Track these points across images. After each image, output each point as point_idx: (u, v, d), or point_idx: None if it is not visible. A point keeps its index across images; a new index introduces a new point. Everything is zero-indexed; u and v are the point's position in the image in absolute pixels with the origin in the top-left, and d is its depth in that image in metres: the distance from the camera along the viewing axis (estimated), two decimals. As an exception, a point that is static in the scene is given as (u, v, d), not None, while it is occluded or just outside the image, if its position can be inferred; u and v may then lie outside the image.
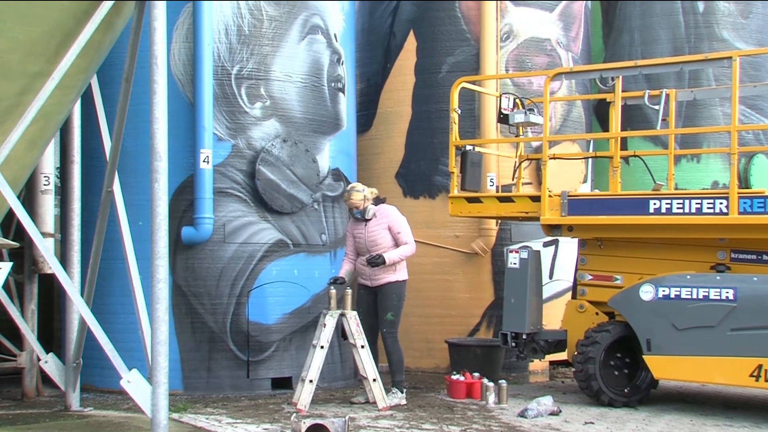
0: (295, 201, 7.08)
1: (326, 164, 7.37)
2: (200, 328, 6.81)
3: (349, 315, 6.35)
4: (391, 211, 6.59)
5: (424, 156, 8.62)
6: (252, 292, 6.89)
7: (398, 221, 6.51)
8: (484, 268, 8.39)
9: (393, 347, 6.48)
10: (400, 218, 6.52)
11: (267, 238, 6.97)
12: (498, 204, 7.15)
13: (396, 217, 6.52)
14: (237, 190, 6.89)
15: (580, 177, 8.78)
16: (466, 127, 8.16)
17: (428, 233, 8.51)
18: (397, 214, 6.55)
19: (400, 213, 6.55)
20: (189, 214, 6.77)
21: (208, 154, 6.70)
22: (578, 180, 8.73)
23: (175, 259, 6.75)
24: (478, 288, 8.37)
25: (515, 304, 6.84)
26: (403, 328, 8.32)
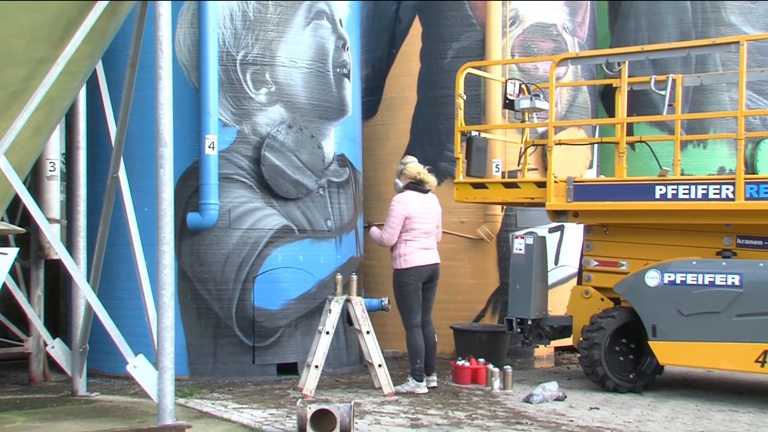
0: (301, 187, 7.07)
1: (331, 150, 7.36)
2: (206, 314, 6.82)
3: (354, 300, 6.36)
4: (395, 198, 6.57)
5: (429, 142, 8.61)
6: (257, 278, 6.90)
7: (390, 207, 6.51)
8: (490, 254, 8.39)
9: (406, 335, 6.45)
10: (392, 205, 6.51)
11: (272, 224, 6.97)
12: (503, 190, 7.13)
13: (391, 203, 6.51)
14: (242, 176, 6.89)
15: (585, 163, 8.77)
16: (471, 113, 8.13)
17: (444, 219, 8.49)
18: (394, 200, 6.54)
19: (398, 201, 6.50)
20: (194, 200, 6.78)
21: (213, 139, 6.70)
22: (584, 166, 8.72)
23: (181, 244, 6.76)
24: (483, 274, 8.37)
25: (520, 290, 6.84)
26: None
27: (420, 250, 6.49)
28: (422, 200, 6.57)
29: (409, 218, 6.47)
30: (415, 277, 6.45)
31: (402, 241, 6.49)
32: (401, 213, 6.44)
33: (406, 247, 6.48)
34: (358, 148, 7.91)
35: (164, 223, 4.74)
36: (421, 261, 6.48)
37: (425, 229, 6.53)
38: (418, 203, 6.53)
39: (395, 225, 6.43)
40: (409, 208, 6.48)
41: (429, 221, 6.58)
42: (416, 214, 6.49)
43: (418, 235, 6.50)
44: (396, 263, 6.50)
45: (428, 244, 6.56)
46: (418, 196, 6.55)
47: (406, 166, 6.63)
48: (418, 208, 6.52)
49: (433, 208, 6.67)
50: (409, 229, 6.47)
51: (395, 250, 6.52)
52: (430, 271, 6.55)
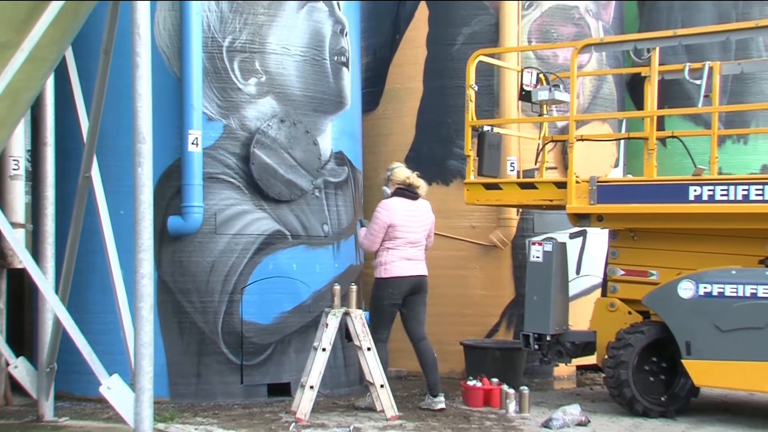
0: (294, 188, 7.04)
1: (328, 147, 7.35)
2: (189, 329, 6.80)
3: (354, 314, 6.34)
4: (381, 203, 6.72)
5: (437, 137, 8.60)
6: (246, 288, 6.87)
7: (374, 213, 6.67)
8: (504, 263, 8.36)
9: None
10: (376, 210, 6.66)
11: (263, 228, 6.94)
12: (519, 191, 7.14)
13: (376, 211, 6.67)
14: (229, 176, 6.86)
15: (611, 161, 8.75)
16: (483, 106, 8.12)
17: (441, 224, 8.43)
18: (379, 206, 6.68)
19: (382, 207, 6.63)
20: (176, 202, 6.75)
21: (197, 135, 6.67)
22: (609, 164, 8.70)
23: (161, 252, 6.73)
24: (496, 284, 8.36)
25: (538, 302, 6.84)
26: None
27: (402, 260, 6.59)
28: (410, 207, 6.67)
29: (393, 226, 6.56)
30: (393, 290, 6.54)
31: (384, 248, 6.61)
32: (384, 220, 6.57)
33: (387, 256, 6.59)
34: (357, 145, 7.89)
35: (142, 228, 4.72)
36: (402, 272, 6.58)
37: (411, 238, 6.63)
38: (405, 211, 6.63)
39: (377, 232, 6.57)
40: (394, 215, 6.57)
41: (416, 230, 6.66)
42: (401, 222, 6.59)
43: (402, 245, 6.60)
44: (376, 271, 6.65)
45: (412, 255, 6.65)
46: (405, 204, 6.65)
47: (393, 171, 6.78)
48: (404, 217, 6.62)
49: (422, 216, 6.75)
50: (393, 238, 6.58)
51: (377, 258, 6.66)
52: (412, 284, 6.63)
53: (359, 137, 7.97)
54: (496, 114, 8.26)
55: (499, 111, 8.28)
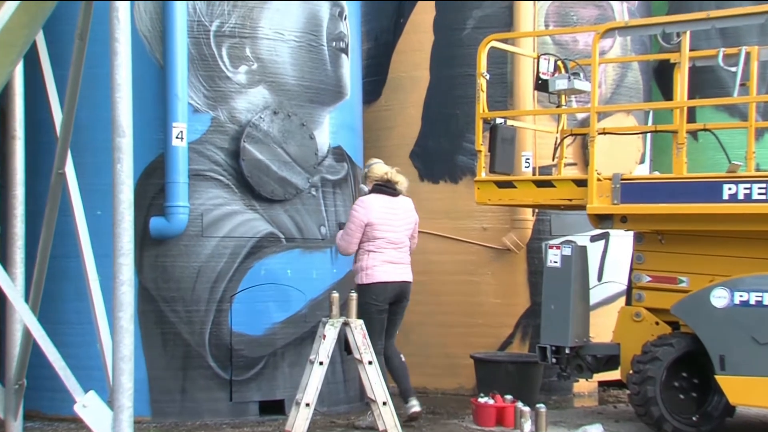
0: (289, 186, 7.03)
1: (326, 141, 7.36)
2: (172, 341, 6.79)
3: (353, 324, 6.34)
4: (357, 200, 6.78)
5: (444, 131, 8.60)
6: (236, 296, 6.87)
7: (350, 212, 6.73)
8: (518, 268, 8.37)
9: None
10: (352, 208, 6.71)
11: (254, 230, 6.94)
12: (535, 189, 7.11)
13: (352, 209, 6.73)
14: (217, 173, 6.86)
15: (636, 156, 8.74)
16: (496, 96, 8.12)
17: (449, 225, 8.54)
18: (354, 204, 6.76)
19: (358, 205, 6.68)
20: (159, 201, 6.74)
21: (182, 128, 6.67)
22: (634, 160, 8.70)
23: (142, 256, 6.72)
24: (510, 292, 8.36)
25: (556, 311, 6.82)
26: (419, 339, 8.38)
27: (385, 264, 6.61)
28: (389, 205, 6.69)
29: (371, 225, 6.58)
30: (377, 296, 6.56)
31: (364, 252, 6.62)
32: (361, 218, 6.58)
33: (368, 260, 6.59)
34: (358, 139, 7.90)
35: (122, 230, 4.67)
36: (386, 277, 6.59)
37: (392, 238, 6.64)
38: (384, 208, 6.65)
39: (353, 232, 6.60)
40: (371, 213, 6.58)
41: (397, 229, 6.68)
42: (380, 220, 6.60)
43: (383, 246, 6.61)
44: (357, 278, 6.66)
45: (396, 257, 6.68)
46: (383, 200, 6.68)
47: (371, 167, 6.83)
48: (384, 214, 6.63)
49: (404, 214, 6.78)
50: (372, 238, 6.59)
51: (357, 263, 6.67)
52: (396, 290, 6.66)
53: (360, 131, 7.97)
54: (509, 105, 8.25)
55: (512, 102, 8.27)
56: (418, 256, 7.46)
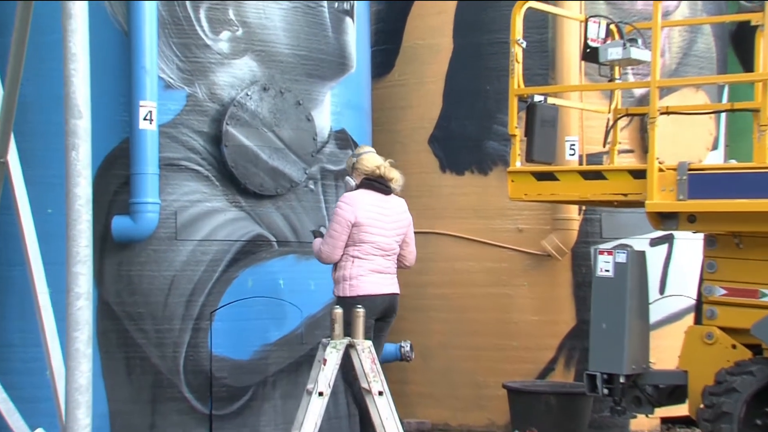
0: (282, 178, 7.06)
1: (327, 123, 7.39)
2: (140, 367, 6.80)
3: (360, 346, 6.33)
4: (342, 197, 6.78)
5: (471, 111, 8.62)
6: (217, 312, 6.88)
7: (334, 211, 6.72)
8: (561, 278, 8.40)
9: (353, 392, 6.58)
10: (336, 206, 6.70)
11: (240, 232, 6.96)
12: (582, 182, 7.07)
13: (336, 207, 6.71)
14: (195, 162, 6.89)
15: (707, 141, 8.76)
16: (534, 68, 8.12)
17: (477, 226, 8.56)
18: (339, 201, 6.74)
19: (343, 202, 6.66)
20: (123, 197, 6.75)
21: (150, 108, 6.66)
22: (705, 146, 8.72)
23: (103, 264, 6.73)
24: (551, 307, 8.39)
25: (608, 331, 6.82)
26: (441, 365, 8.38)
27: (372, 274, 6.61)
28: (380, 203, 6.69)
29: (359, 226, 6.56)
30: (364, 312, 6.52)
31: (348, 258, 6.60)
32: (346, 218, 6.57)
33: (353, 268, 6.57)
34: (365, 121, 7.93)
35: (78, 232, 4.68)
36: (374, 289, 6.60)
37: (382, 243, 6.64)
38: (374, 207, 6.65)
39: (337, 234, 6.58)
40: (359, 211, 6.57)
41: (388, 233, 6.69)
42: (369, 221, 6.59)
43: (371, 252, 6.60)
44: (338, 289, 6.64)
45: (385, 266, 6.69)
46: (374, 198, 6.68)
47: (360, 157, 6.81)
48: (373, 213, 6.63)
49: (396, 216, 6.78)
50: (359, 242, 6.58)
51: (338, 271, 6.64)
52: (386, 304, 6.68)
53: (368, 111, 8.00)
54: (551, 79, 8.26)
55: (555, 75, 8.28)
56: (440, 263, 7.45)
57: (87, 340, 4.66)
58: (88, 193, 4.71)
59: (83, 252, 4.67)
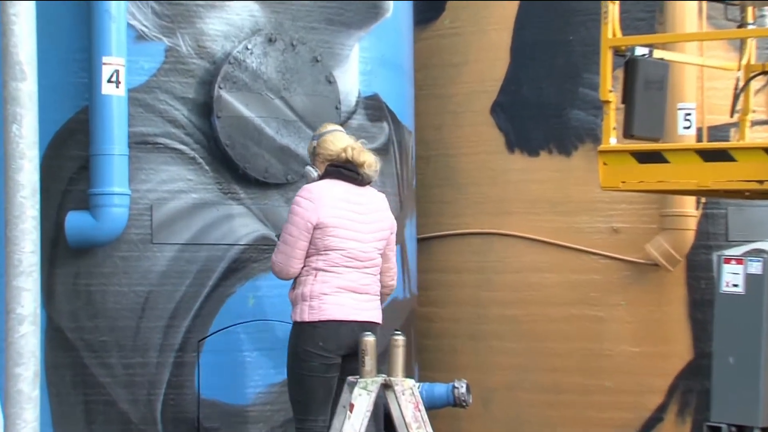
0: (293, 161, 7.13)
1: (354, 87, 7.45)
2: (103, 414, 6.83)
3: (400, 387, 6.36)
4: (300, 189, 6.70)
5: (548, 69, 8.69)
6: (207, 342, 6.92)
7: (290, 210, 6.65)
8: (672, 295, 8.43)
9: None
10: (292, 206, 6.61)
11: (237, 234, 7.01)
12: (701, 165, 7.03)
13: (292, 204, 6.66)
14: (176, 139, 6.93)
15: None
16: (635, 10, 8.18)
17: (557, 224, 8.62)
18: (297, 195, 6.66)
19: (301, 196, 6.57)
20: (80, 186, 6.80)
21: (117, 66, 6.69)
22: None
23: (53, 275, 6.78)
24: (658, 334, 8.41)
25: (737, 367, 6.86)
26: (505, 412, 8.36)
27: (341, 293, 6.52)
28: (351, 197, 6.63)
29: (323, 228, 6.50)
30: (325, 342, 6.49)
31: (310, 271, 6.53)
32: (305, 217, 6.49)
33: (314, 284, 6.51)
34: (405, 83, 8.00)
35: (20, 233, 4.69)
36: (340, 313, 6.50)
37: (355, 252, 6.56)
38: (343, 202, 6.59)
39: (293, 239, 6.50)
40: (323, 208, 6.51)
41: (364, 238, 6.62)
42: (337, 221, 6.52)
43: (340, 263, 6.53)
44: (295, 311, 6.56)
45: (361, 283, 6.60)
46: (343, 189, 6.61)
47: (322, 138, 6.72)
48: (343, 211, 6.56)
49: (375, 215, 6.72)
50: (324, 250, 6.51)
51: (296, 288, 6.57)
52: (356, 336, 6.53)
53: (408, 70, 8.06)
54: (658, 25, 8.29)
55: (663, 19, 8.28)
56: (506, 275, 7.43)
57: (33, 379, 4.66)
58: (35, 181, 4.70)
59: (27, 260, 4.67)
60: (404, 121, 7.82)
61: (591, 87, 8.15)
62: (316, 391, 6.49)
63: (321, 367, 6.46)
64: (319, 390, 6.49)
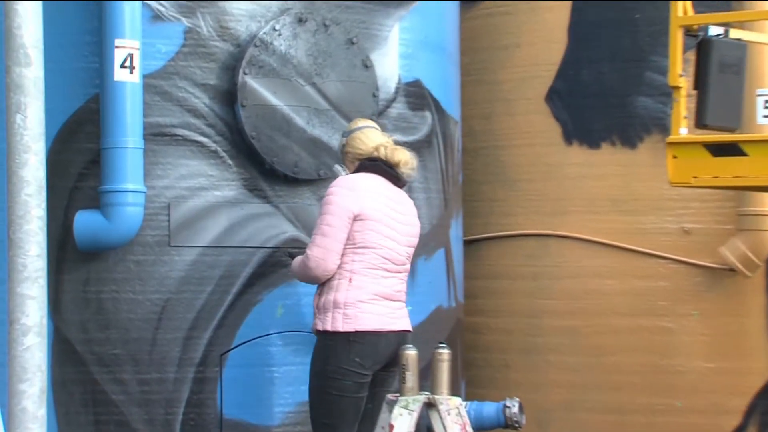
0: (325, 154, 7.15)
1: (394, 72, 7.47)
2: (116, 436, 6.86)
3: (444, 406, 6.36)
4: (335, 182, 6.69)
5: (611, 52, 8.69)
6: (231, 356, 6.94)
7: (323, 201, 6.62)
8: (751, 304, 8.43)
9: None
10: (326, 197, 6.58)
11: (264, 235, 7.05)
12: None
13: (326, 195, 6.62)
14: (196, 131, 6.97)
15: None
16: (707, -16, 8.12)
17: (620, 225, 8.63)
18: (332, 186, 6.63)
19: (339, 185, 6.56)
20: (90, 182, 6.83)
21: (131, 50, 6.71)
22: None
23: (61, 282, 6.82)
24: (735, 348, 8.39)
25: None
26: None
27: (379, 301, 6.52)
28: (391, 194, 6.66)
29: (363, 220, 6.49)
30: (363, 360, 6.47)
31: (343, 274, 6.51)
32: (346, 206, 6.46)
33: (350, 289, 6.49)
34: (450, 68, 8.02)
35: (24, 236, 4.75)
36: (377, 322, 6.49)
37: (390, 253, 6.58)
38: (382, 196, 6.60)
39: (334, 231, 6.46)
40: (364, 198, 6.51)
41: (398, 239, 6.64)
42: (377, 215, 6.52)
43: (376, 265, 6.53)
44: (324, 320, 6.50)
45: (392, 289, 6.60)
46: (382, 185, 6.63)
47: (352, 135, 6.73)
48: (382, 205, 6.57)
49: (412, 219, 6.78)
50: (361, 248, 6.50)
51: (325, 294, 6.52)
52: (393, 347, 6.56)
53: (454, 53, 8.08)
54: (733, 3, 8.27)
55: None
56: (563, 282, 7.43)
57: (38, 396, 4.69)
58: (40, 178, 4.73)
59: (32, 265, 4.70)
60: (449, 110, 7.83)
61: (659, 71, 8.18)
62: (346, 413, 6.47)
63: (354, 386, 6.43)
64: (350, 411, 6.48)
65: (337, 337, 6.40)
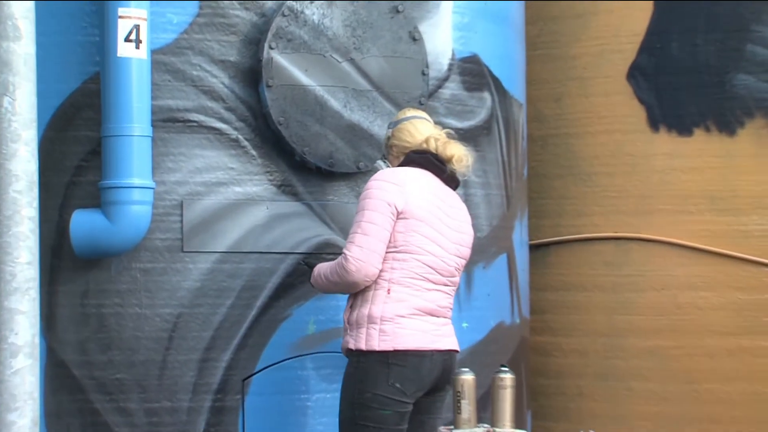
0: (366, 144, 7.20)
1: (447, 46, 7.51)
2: (120, 475, 6.93)
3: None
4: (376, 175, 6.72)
5: (706, 21, 8.66)
6: (254, 379, 6.97)
7: (362, 196, 6.63)
8: None
9: None
10: (366, 191, 6.60)
11: (294, 239, 7.10)
12: None
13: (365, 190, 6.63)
14: (215, 116, 7.01)
15: None
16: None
17: (718, 226, 8.66)
18: (372, 179, 6.65)
19: (380, 179, 6.58)
20: (89, 176, 6.88)
21: (137, 21, 6.75)
22: None
23: (55, 294, 6.86)
24: None
25: None
26: None
27: (418, 316, 6.52)
28: (440, 193, 6.69)
29: (407, 219, 6.52)
30: (404, 385, 6.47)
31: (381, 284, 6.53)
32: (389, 200, 6.49)
33: (388, 302, 6.50)
34: (514, 41, 8.06)
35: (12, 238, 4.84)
36: (419, 341, 6.49)
37: (435, 261, 6.58)
38: (430, 195, 6.62)
39: (377, 228, 6.48)
40: (409, 194, 6.53)
41: (446, 246, 6.65)
42: (423, 215, 6.54)
43: (419, 275, 6.54)
44: (358, 337, 6.50)
45: (436, 304, 6.60)
46: (430, 181, 6.66)
47: (399, 126, 6.78)
48: (430, 205, 6.60)
49: (461, 223, 6.78)
50: (402, 250, 6.53)
51: (359, 308, 6.53)
52: (439, 370, 6.59)
53: (518, 23, 8.13)
54: None
55: None
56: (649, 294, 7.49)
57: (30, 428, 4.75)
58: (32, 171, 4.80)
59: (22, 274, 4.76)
60: (512, 91, 7.87)
61: (763, 44, 8.23)
62: None
63: (393, 416, 6.43)
64: None
65: (373, 358, 6.41)
